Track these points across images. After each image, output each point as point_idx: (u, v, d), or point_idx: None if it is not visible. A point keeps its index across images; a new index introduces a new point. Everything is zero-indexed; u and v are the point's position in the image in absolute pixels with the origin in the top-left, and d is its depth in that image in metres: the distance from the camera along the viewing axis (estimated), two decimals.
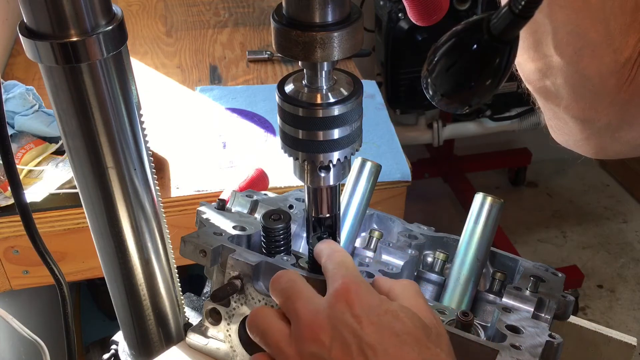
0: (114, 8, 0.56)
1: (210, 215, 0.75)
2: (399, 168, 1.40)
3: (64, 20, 0.52)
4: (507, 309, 0.66)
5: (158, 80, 1.75)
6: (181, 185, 1.34)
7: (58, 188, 1.28)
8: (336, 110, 0.55)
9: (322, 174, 0.60)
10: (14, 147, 1.32)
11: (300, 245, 0.77)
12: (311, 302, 0.55)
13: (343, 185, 0.79)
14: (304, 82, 0.56)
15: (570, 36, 0.51)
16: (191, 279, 1.98)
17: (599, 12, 0.49)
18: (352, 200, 0.78)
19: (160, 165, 1.38)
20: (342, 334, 0.52)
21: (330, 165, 0.59)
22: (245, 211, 0.78)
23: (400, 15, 2.22)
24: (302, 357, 0.53)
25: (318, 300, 0.56)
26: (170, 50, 1.89)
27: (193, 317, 0.81)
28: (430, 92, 0.48)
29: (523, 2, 0.39)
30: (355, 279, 0.56)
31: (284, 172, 1.30)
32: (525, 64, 0.57)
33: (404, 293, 0.58)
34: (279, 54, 1.28)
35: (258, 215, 0.77)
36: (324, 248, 0.62)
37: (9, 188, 0.87)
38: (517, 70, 0.58)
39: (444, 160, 2.91)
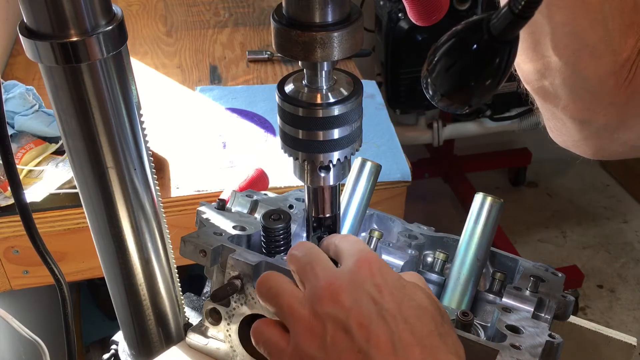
0: (114, 8, 0.56)
1: (210, 215, 0.75)
2: (399, 168, 1.40)
3: (64, 20, 0.52)
4: (507, 309, 0.66)
5: (158, 80, 1.74)
6: (181, 185, 1.34)
7: (58, 188, 1.28)
8: (336, 110, 0.55)
9: (322, 174, 0.60)
10: (14, 147, 1.32)
11: None
12: (332, 267, 0.55)
13: (343, 185, 0.79)
14: (304, 82, 0.56)
15: (569, 37, 0.51)
16: (191, 279, 1.97)
17: (597, 13, 0.49)
18: (352, 200, 0.78)
19: (160, 165, 1.38)
20: (363, 299, 0.51)
21: (330, 165, 0.59)
22: (245, 211, 0.78)
23: (400, 15, 2.22)
24: (316, 317, 0.52)
25: (338, 268, 0.55)
26: (170, 50, 1.89)
27: (193, 317, 0.81)
28: (430, 92, 0.48)
29: (523, 2, 0.39)
30: (374, 254, 0.56)
31: (284, 172, 1.30)
32: (523, 64, 0.57)
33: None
34: (279, 54, 1.28)
35: (258, 215, 0.77)
36: (333, 236, 0.62)
37: (9, 188, 0.87)
38: (515, 71, 0.59)
39: (444, 160, 2.91)
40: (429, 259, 0.78)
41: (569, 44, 0.51)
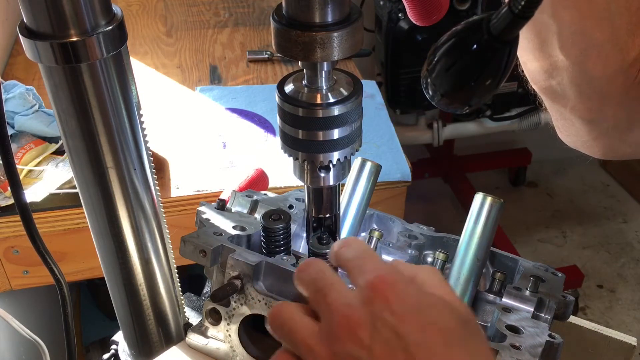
0: (114, 8, 0.56)
1: (210, 215, 0.75)
2: (399, 168, 1.40)
3: (64, 20, 0.52)
4: (507, 309, 0.66)
5: (158, 80, 1.74)
6: (181, 185, 1.34)
7: (58, 188, 1.28)
8: (336, 110, 0.55)
9: (322, 174, 0.60)
10: (14, 147, 1.32)
11: (300, 245, 0.77)
12: (345, 296, 0.50)
13: (343, 185, 0.79)
14: (304, 82, 0.56)
15: (575, 36, 0.51)
16: (191, 279, 1.97)
17: (604, 12, 0.49)
18: (352, 200, 0.78)
19: (160, 165, 1.38)
20: (383, 333, 0.48)
21: (330, 165, 0.59)
22: (245, 211, 0.78)
23: (400, 15, 2.22)
24: (336, 356, 0.48)
25: (352, 294, 0.51)
26: (170, 50, 1.89)
27: (193, 317, 0.81)
28: (430, 92, 0.48)
29: (523, 2, 0.39)
30: (387, 269, 0.51)
31: (284, 172, 1.30)
32: (530, 63, 0.56)
33: (431, 282, 0.54)
34: (279, 54, 1.28)
35: (258, 215, 0.77)
36: (337, 242, 0.58)
37: (9, 188, 0.87)
38: (522, 71, 0.58)
39: (444, 160, 2.91)
40: (429, 259, 0.78)
41: (576, 43, 0.51)
